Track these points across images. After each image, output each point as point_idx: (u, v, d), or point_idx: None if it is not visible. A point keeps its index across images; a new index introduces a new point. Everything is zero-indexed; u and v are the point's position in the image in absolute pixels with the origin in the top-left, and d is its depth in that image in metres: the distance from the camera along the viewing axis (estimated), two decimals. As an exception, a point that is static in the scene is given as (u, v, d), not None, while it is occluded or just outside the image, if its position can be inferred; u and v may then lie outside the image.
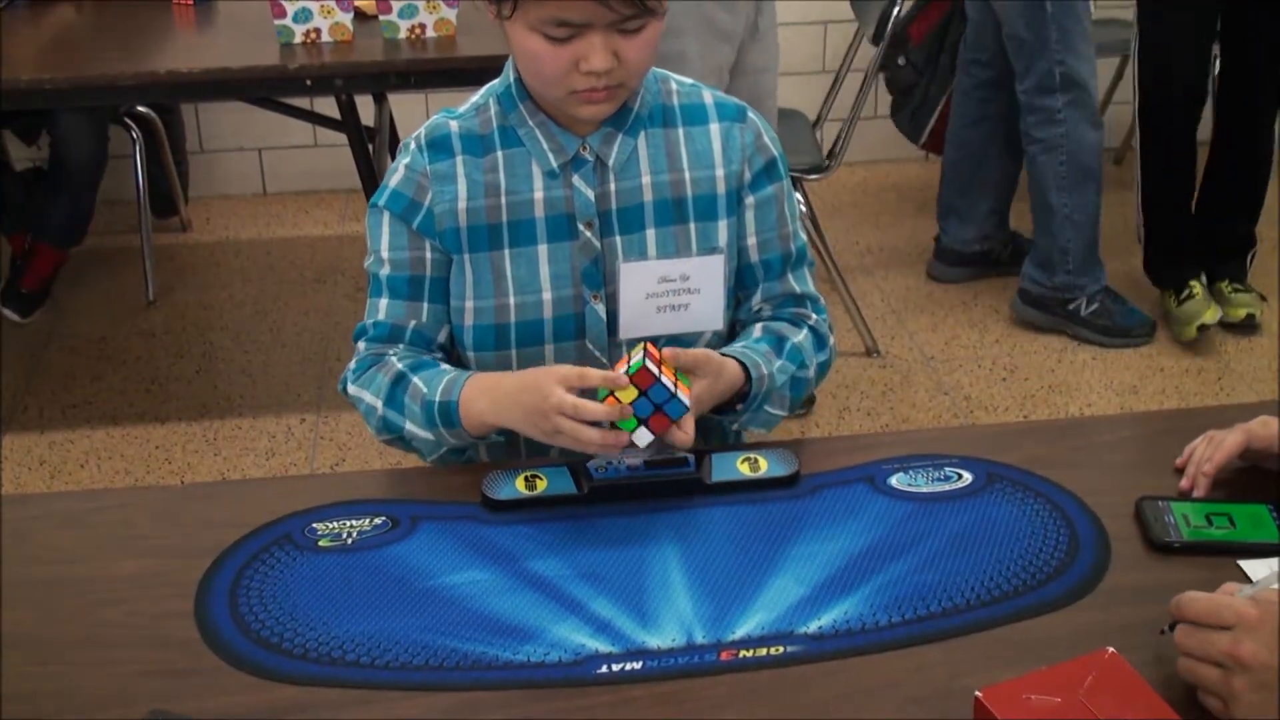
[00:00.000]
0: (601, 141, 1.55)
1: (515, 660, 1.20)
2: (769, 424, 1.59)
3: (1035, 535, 1.36)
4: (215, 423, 3.27)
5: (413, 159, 1.56)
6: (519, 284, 1.56)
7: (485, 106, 1.58)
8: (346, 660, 1.21)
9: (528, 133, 1.55)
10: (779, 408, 1.58)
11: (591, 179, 1.55)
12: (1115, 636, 1.17)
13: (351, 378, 1.59)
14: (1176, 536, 1.33)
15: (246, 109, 3.80)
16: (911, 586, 1.29)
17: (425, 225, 1.55)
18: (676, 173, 1.58)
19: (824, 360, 1.65)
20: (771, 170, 1.62)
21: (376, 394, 1.55)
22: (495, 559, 1.35)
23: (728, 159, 1.59)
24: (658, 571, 1.32)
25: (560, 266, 1.56)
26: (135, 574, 1.34)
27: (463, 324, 1.58)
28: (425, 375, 1.53)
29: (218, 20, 3.34)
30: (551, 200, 1.55)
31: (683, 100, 1.60)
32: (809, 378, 1.61)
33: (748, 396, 1.52)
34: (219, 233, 4.37)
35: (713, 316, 1.55)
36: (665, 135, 1.58)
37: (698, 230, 1.58)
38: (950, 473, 1.47)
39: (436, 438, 1.53)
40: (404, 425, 1.54)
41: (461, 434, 1.50)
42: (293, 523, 1.41)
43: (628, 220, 1.57)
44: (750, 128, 1.61)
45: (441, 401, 1.49)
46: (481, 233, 1.55)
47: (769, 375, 1.54)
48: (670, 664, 1.19)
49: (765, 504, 1.43)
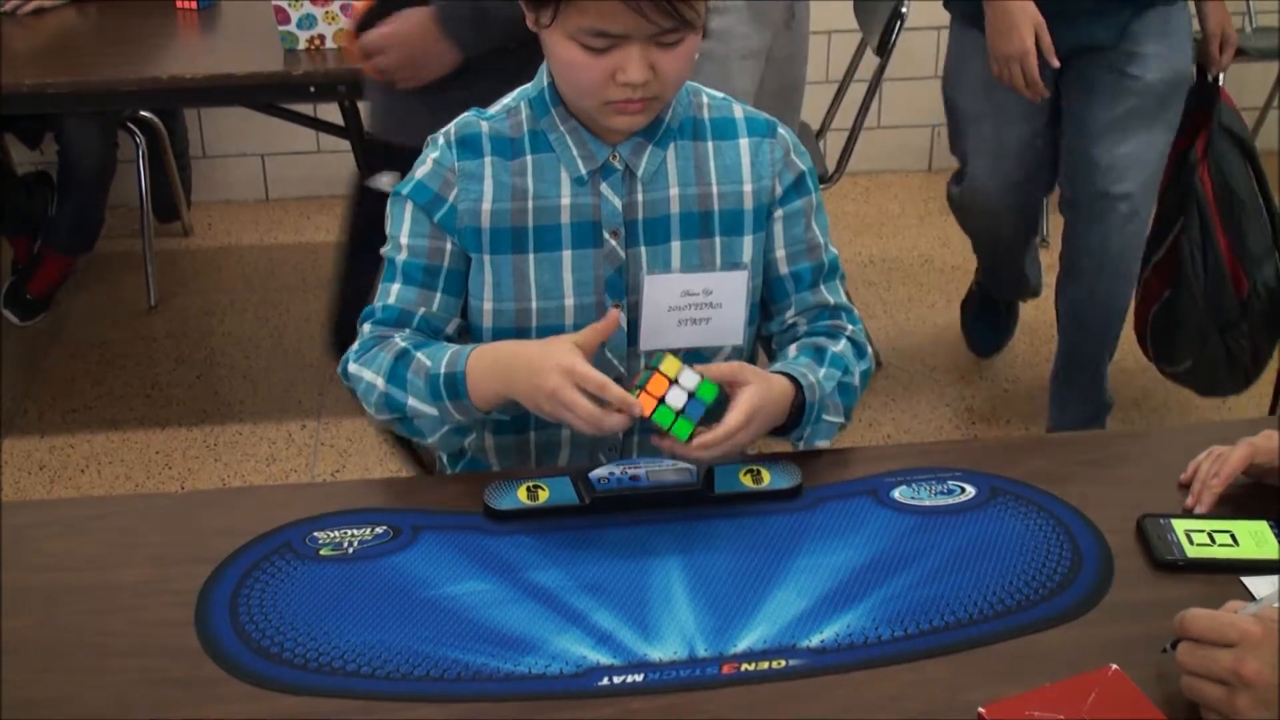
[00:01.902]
0: (631, 151, 1.54)
1: (516, 672, 1.20)
2: (829, 434, 1.58)
3: (1038, 550, 1.36)
4: (216, 428, 3.27)
5: (441, 154, 1.55)
6: (541, 289, 1.55)
7: (516, 109, 1.57)
8: (347, 670, 1.20)
9: (558, 138, 1.54)
10: (835, 415, 1.57)
11: (619, 188, 1.55)
12: (1118, 653, 1.17)
13: (354, 357, 1.56)
14: (1180, 555, 1.32)
15: (249, 114, 3.81)
16: (914, 600, 1.28)
17: (447, 220, 1.54)
18: (704, 186, 1.57)
19: (866, 369, 1.64)
20: (800, 184, 1.61)
21: (378, 371, 1.53)
22: (497, 570, 1.34)
23: (756, 174, 1.58)
24: (660, 583, 1.32)
25: (583, 273, 1.55)
26: (135, 582, 1.34)
27: (482, 324, 1.57)
28: (430, 350, 1.52)
29: (221, 25, 3.34)
30: (578, 207, 1.55)
31: (713, 114, 1.60)
32: (854, 385, 1.60)
33: (804, 408, 1.51)
34: (221, 238, 4.36)
35: (733, 331, 1.54)
36: (695, 148, 1.58)
37: (723, 245, 1.58)
38: (953, 486, 1.47)
39: (440, 413, 1.50)
40: (406, 402, 1.51)
41: (467, 406, 1.48)
42: (293, 531, 1.41)
43: (653, 231, 1.56)
44: (780, 143, 1.60)
45: (447, 373, 1.47)
46: (505, 235, 1.55)
47: (818, 383, 1.53)
48: (672, 677, 1.19)
49: (768, 516, 1.43)
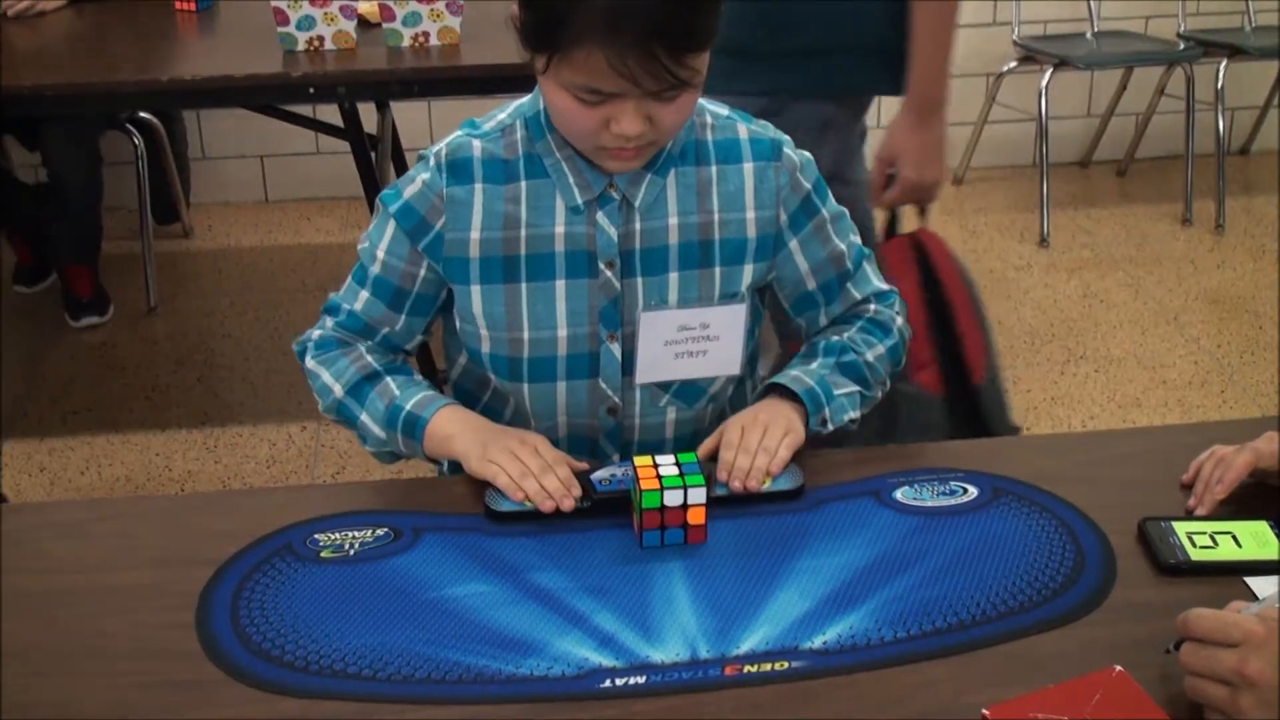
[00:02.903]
0: (629, 181, 1.51)
1: (518, 674, 1.20)
2: (854, 404, 1.58)
3: (1040, 550, 1.36)
4: (216, 430, 3.27)
5: (431, 177, 1.51)
6: (534, 319, 1.53)
7: (512, 129, 1.53)
8: (348, 673, 1.20)
9: (554, 164, 1.50)
10: (847, 386, 1.57)
11: (616, 218, 1.52)
12: (1122, 654, 1.17)
13: (312, 349, 1.59)
14: (1183, 557, 1.32)
15: (248, 116, 3.81)
16: (917, 601, 1.28)
17: (432, 249, 1.53)
18: (705, 214, 1.54)
19: (892, 344, 1.63)
20: (808, 205, 1.58)
21: (337, 378, 1.56)
22: (498, 571, 1.34)
23: (760, 202, 1.55)
24: (661, 585, 1.31)
25: (577, 304, 1.53)
26: (136, 584, 1.33)
27: (480, 349, 1.57)
28: (402, 382, 1.55)
29: (220, 27, 3.34)
30: (573, 236, 1.52)
31: (716, 135, 1.55)
32: (865, 360, 1.59)
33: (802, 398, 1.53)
34: (221, 240, 4.37)
35: (730, 362, 1.54)
36: (697, 174, 1.54)
37: (722, 274, 1.56)
38: (955, 487, 1.47)
39: (388, 439, 1.54)
40: (359, 416, 1.55)
41: (415, 448, 1.53)
42: (294, 533, 1.41)
43: (651, 262, 1.53)
44: (785, 166, 1.56)
45: (411, 412, 1.51)
46: (495, 264, 1.52)
47: (803, 374, 1.55)
48: (674, 678, 1.19)
49: (770, 517, 1.42)
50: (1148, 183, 4.87)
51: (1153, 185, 4.83)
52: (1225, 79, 4.45)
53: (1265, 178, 4.84)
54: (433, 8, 2.92)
